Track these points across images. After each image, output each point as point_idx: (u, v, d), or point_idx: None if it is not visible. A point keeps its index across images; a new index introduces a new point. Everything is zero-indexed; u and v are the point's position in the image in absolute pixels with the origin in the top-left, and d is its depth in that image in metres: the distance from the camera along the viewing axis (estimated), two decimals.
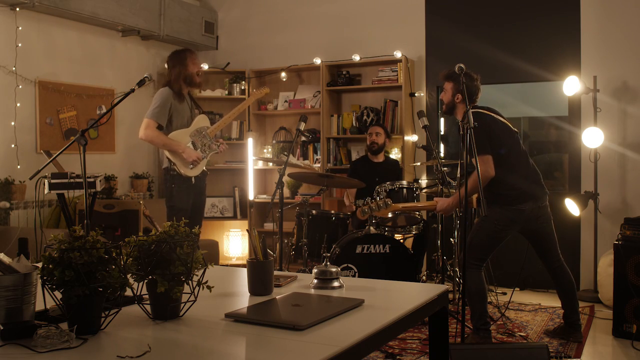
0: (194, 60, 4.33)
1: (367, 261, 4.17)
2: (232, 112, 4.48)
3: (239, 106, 4.50)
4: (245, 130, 6.52)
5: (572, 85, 5.09)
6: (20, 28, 5.05)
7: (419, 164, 5.57)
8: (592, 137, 4.99)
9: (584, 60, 5.29)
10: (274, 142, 6.50)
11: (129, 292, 1.57)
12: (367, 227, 4.33)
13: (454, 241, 4.87)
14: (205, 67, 6.48)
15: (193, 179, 4.28)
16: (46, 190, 3.98)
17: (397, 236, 4.67)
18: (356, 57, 5.97)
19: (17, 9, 4.99)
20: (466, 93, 3.47)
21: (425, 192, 5.15)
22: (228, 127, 6.62)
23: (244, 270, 2.12)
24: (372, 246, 4.19)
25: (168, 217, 4.28)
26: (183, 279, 1.60)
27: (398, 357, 3.50)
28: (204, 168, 4.39)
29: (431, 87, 5.94)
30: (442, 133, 6.06)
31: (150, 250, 1.59)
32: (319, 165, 6.16)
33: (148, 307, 1.62)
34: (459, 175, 4.47)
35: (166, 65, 4.53)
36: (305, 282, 2.10)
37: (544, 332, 4.03)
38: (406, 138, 5.82)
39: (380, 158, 5.42)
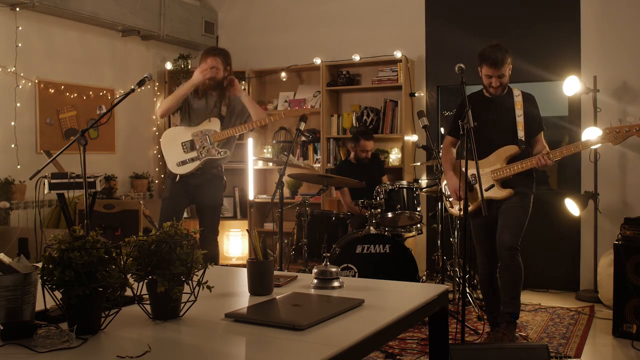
0: (202, 61, 4.15)
1: (367, 261, 4.17)
2: (247, 125, 4.25)
3: (258, 120, 4.26)
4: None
5: (572, 85, 5.09)
6: (20, 28, 5.05)
7: (419, 164, 5.57)
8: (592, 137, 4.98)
9: (584, 61, 5.29)
10: (274, 142, 6.50)
11: (129, 292, 1.57)
12: (367, 227, 4.34)
13: (454, 241, 4.87)
14: None
15: (177, 177, 4.19)
16: (46, 190, 3.97)
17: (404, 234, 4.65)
18: (356, 57, 5.97)
19: (17, 9, 4.99)
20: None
21: (425, 192, 5.16)
22: None
23: (244, 270, 2.12)
24: (372, 246, 4.19)
25: None
26: (183, 279, 1.60)
27: (398, 357, 3.50)
28: (193, 169, 4.17)
29: (431, 87, 5.94)
30: (442, 132, 6.07)
31: (150, 250, 1.59)
32: (319, 165, 6.16)
33: (148, 307, 1.62)
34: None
35: None
36: (305, 282, 2.10)
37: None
38: (406, 138, 5.82)
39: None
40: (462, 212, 3.54)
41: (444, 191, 3.94)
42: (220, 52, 4.19)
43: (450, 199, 3.83)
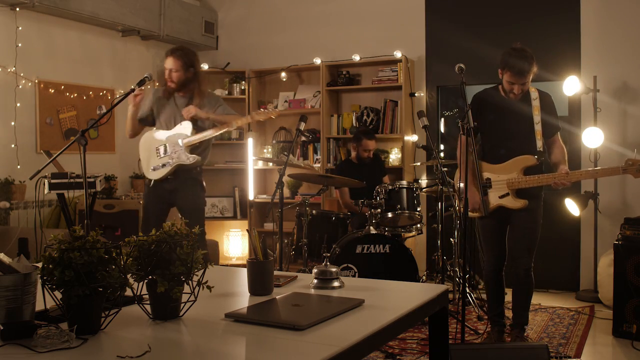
0: (165, 60, 4.06)
1: (367, 261, 4.17)
2: (215, 129, 4.04)
3: (226, 124, 4.06)
4: (245, 130, 6.52)
5: (572, 85, 5.09)
6: (20, 28, 5.05)
7: (419, 164, 5.57)
8: (592, 137, 4.99)
9: (584, 60, 5.29)
10: (274, 142, 6.50)
11: (129, 292, 1.57)
12: (367, 227, 4.33)
13: (454, 241, 4.87)
14: (205, 67, 6.48)
15: (152, 182, 4.11)
16: (46, 190, 3.97)
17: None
18: (356, 57, 5.97)
19: (17, 9, 4.99)
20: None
21: (425, 192, 5.16)
22: None
23: (244, 270, 2.12)
24: (372, 246, 4.19)
25: None
26: (183, 279, 1.60)
27: (398, 357, 3.50)
28: (164, 175, 4.07)
29: (431, 87, 5.94)
30: (442, 132, 6.06)
31: (150, 250, 1.59)
32: (319, 165, 6.16)
33: (148, 307, 1.62)
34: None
35: None
36: (305, 282, 2.10)
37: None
38: (406, 138, 5.82)
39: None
40: (462, 209, 3.55)
41: (456, 190, 3.88)
42: (180, 54, 4.01)
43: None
